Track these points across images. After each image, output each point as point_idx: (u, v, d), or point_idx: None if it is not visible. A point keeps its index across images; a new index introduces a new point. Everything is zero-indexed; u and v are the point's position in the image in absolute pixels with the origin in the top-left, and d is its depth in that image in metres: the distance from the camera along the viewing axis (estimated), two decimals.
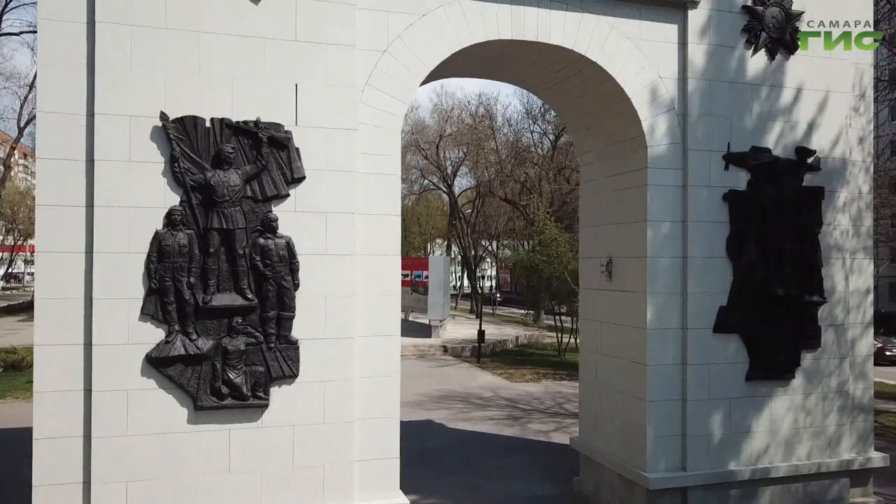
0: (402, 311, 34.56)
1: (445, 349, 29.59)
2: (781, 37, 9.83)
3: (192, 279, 7.53)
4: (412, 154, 50.91)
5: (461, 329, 36.37)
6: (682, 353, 9.52)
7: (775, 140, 9.89)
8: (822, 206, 10.11)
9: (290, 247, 7.87)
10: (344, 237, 8.12)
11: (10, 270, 78.32)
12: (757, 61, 9.81)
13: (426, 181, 58.32)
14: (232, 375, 7.63)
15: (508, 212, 51.67)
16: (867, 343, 10.56)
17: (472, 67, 10.15)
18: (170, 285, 7.46)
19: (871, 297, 10.60)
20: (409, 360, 26.32)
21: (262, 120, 7.83)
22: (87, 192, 7.38)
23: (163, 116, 7.47)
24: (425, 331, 33.81)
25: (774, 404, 9.87)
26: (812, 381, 10.04)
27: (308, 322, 7.97)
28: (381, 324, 8.34)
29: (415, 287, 39.42)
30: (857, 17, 10.19)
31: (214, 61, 7.72)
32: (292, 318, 7.90)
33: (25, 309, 45.39)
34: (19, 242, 66.53)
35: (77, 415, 7.33)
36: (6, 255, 71.26)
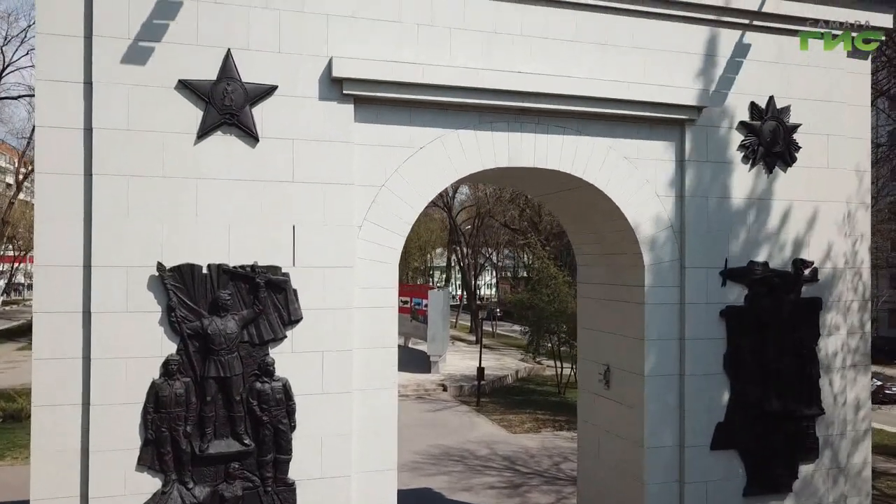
0: (401, 338, 34.29)
1: (445, 388, 29.59)
2: (779, 150, 9.83)
3: (188, 428, 7.54)
4: None
5: (461, 361, 36.31)
6: (680, 471, 9.51)
7: (773, 253, 9.89)
8: (819, 317, 10.11)
9: (286, 389, 7.88)
10: (341, 375, 8.12)
11: (11, 281, 78.44)
12: (754, 175, 9.81)
13: None
14: None
15: (509, 233, 51.72)
16: (864, 453, 10.53)
17: (470, 179, 10.18)
18: (166, 435, 7.47)
19: (868, 405, 10.61)
20: (407, 401, 26.31)
21: (260, 263, 7.84)
22: (84, 343, 7.39)
23: (160, 267, 7.47)
24: (425, 363, 33.78)
25: None
26: (809, 495, 10.03)
27: (304, 463, 7.97)
28: (378, 461, 8.32)
29: (414, 315, 39.28)
30: (855, 132, 10.23)
31: (211, 206, 7.73)
32: (289, 460, 7.91)
33: (25, 332, 45.31)
34: (20, 253, 66.69)
35: None
36: (6, 265, 71.39)
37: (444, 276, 77.97)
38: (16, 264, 70.75)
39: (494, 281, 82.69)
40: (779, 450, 9.81)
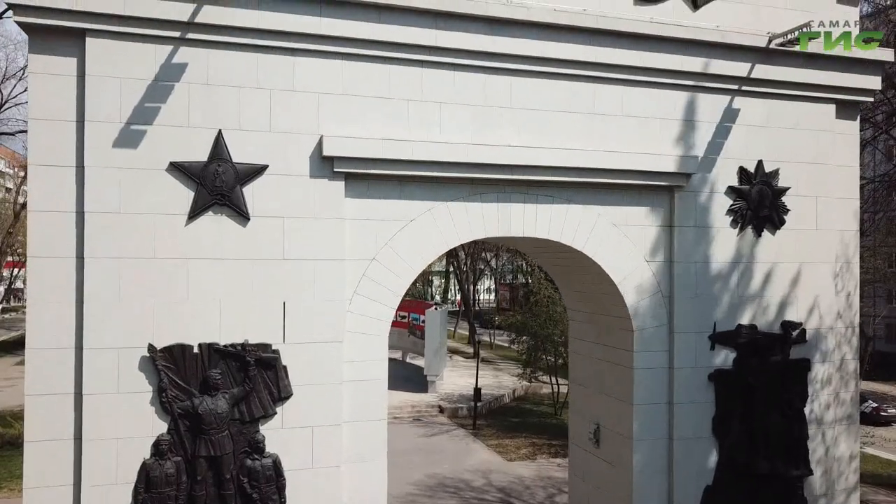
0: (398, 352, 34.24)
1: (441, 409, 29.64)
2: (768, 213, 9.91)
3: None
4: None
5: (459, 378, 36.37)
6: None
7: (761, 315, 9.96)
8: (807, 378, 10.18)
9: (276, 465, 7.96)
10: (330, 449, 8.20)
11: (11, 286, 78.50)
12: (743, 239, 9.88)
13: None
14: None
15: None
16: (854, 503, 10.64)
17: (461, 245, 10.25)
18: None
19: (855, 461, 10.68)
20: (403, 425, 26.38)
21: (251, 340, 7.92)
22: (76, 424, 7.47)
23: (150, 349, 7.55)
24: (421, 381, 33.84)
25: None
26: None
27: None
28: None
29: (412, 330, 39.43)
30: (843, 193, 10.32)
31: (202, 285, 7.80)
32: None
33: (24, 344, 45.15)
34: (19, 259, 66.77)
35: None
36: (6, 271, 71.48)
37: (443, 281, 78.12)
38: (15, 270, 70.76)
39: (493, 286, 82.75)
40: None
